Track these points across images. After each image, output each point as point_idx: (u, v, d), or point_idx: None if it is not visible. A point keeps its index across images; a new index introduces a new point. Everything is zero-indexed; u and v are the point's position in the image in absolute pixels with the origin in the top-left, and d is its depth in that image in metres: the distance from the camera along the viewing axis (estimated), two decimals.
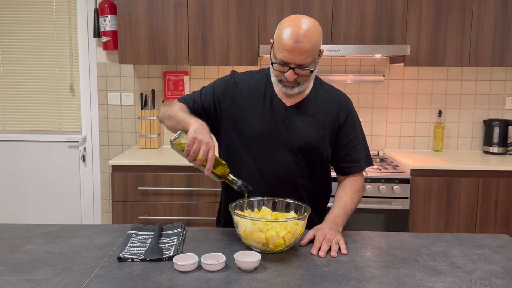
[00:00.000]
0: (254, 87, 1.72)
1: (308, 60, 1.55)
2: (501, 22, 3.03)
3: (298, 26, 1.53)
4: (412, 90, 3.45)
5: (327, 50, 2.93)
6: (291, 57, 1.53)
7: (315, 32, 1.55)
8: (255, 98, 1.70)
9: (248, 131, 1.68)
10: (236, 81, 1.74)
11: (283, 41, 1.53)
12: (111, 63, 3.48)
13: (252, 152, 1.69)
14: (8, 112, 3.58)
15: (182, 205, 2.94)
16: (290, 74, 1.57)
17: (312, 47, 1.53)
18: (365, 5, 3.02)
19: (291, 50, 1.52)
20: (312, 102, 1.72)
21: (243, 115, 1.69)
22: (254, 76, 1.76)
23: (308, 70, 1.57)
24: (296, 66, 1.56)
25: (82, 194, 3.60)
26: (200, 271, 1.30)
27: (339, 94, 1.79)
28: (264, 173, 1.68)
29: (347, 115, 1.74)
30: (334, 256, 1.42)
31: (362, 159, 1.76)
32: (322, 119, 1.71)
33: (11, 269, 1.31)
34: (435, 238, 1.61)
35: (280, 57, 1.56)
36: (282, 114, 1.69)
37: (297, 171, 1.70)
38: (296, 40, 1.51)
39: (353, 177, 1.76)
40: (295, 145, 1.68)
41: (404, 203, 2.83)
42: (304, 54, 1.53)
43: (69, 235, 1.58)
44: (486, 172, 2.88)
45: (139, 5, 3.06)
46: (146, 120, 3.37)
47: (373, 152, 3.38)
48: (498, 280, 1.28)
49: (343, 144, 1.73)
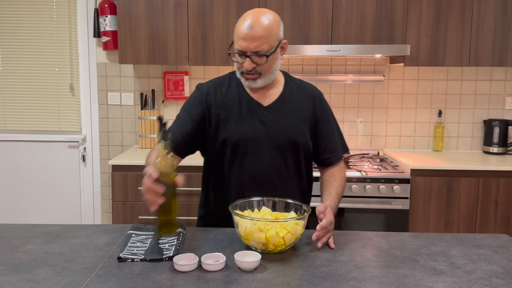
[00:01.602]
0: (226, 94, 1.72)
1: (263, 47, 1.57)
2: (501, 22, 3.03)
3: (251, 16, 1.59)
4: (412, 90, 3.45)
5: (327, 50, 2.93)
6: (246, 44, 1.57)
7: (270, 20, 1.59)
8: (230, 104, 1.70)
9: (232, 138, 1.68)
10: (206, 93, 1.72)
11: (238, 31, 1.59)
12: (111, 63, 3.48)
13: (240, 158, 1.69)
14: (8, 112, 3.58)
15: (182, 205, 2.94)
16: (247, 63, 1.60)
17: (265, 33, 1.57)
18: (365, 5, 3.02)
19: (244, 37, 1.57)
20: (288, 99, 1.73)
21: (223, 124, 1.69)
22: (223, 82, 1.75)
23: (264, 57, 1.59)
24: (252, 53, 1.58)
25: (82, 194, 3.60)
26: (200, 271, 1.30)
27: (311, 88, 1.81)
28: (254, 177, 1.68)
29: (322, 108, 1.78)
30: (319, 247, 1.47)
31: (339, 148, 1.82)
32: (300, 114, 1.73)
33: (11, 269, 1.31)
34: (435, 238, 1.61)
35: (237, 47, 1.60)
36: (261, 115, 1.69)
37: (285, 170, 1.71)
38: (249, 27, 1.56)
39: (337, 165, 1.80)
40: (281, 144, 1.69)
41: (404, 203, 2.83)
42: (258, 40, 1.56)
43: (69, 235, 1.58)
44: (486, 172, 2.88)
45: (139, 5, 3.06)
46: (146, 120, 3.37)
47: (373, 152, 3.38)
48: (498, 280, 1.28)
49: (321, 136, 1.77)
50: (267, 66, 1.62)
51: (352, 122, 3.48)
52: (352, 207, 2.81)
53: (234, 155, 1.69)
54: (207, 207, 1.83)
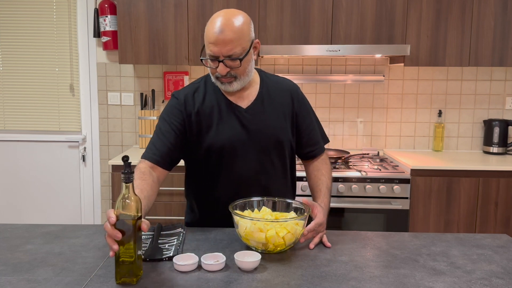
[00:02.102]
0: (204, 100, 1.67)
1: (236, 50, 1.53)
2: (501, 22, 3.03)
3: (219, 19, 1.53)
4: (412, 90, 3.45)
5: (327, 50, 2.93)
6: (217, 49, 1.52)
7: (239, 21, 1.54)
8: (209, 110, 1.66)
9: (214, 144, 1.64)
10: (184, 101, 1.67)
11: (208, 35, 1.54)
12: (111, 63, 3.48)
13: (225, 163, 1.66)
14: (8, 112, 3.58)
15: (182, 205, 2.94)
16: (221, 68, 1.56)
17: (236, 35, 1.52)
18: (365, 5, 3.02)
19: (215, 42, 1.52)
20: (266, 97, 1.71)
21: (205, 131, 1.65)
22: (198, 88, 1.70)
23: (237, 61, 1.55)
24: (225, 57, 1.54)
25: (82, 194, 3.60)
26: (200, 271, 1.30)
27: (287, 82, 1.80)
28: (242, 181, 1.67)
29: (299, 102, 1.76)
30: (311, 248, 1.47)
31: (320, 139, 1.81)
32: (280, 111, 1.71)
33: (11, 269, 1.31)
34: (435, 238, 1.61)
35: (208, 52, 1.55)
36: (242, 117, 1.66)
37: (272, 169, 1.70)
38: (218, 31, 1.51)
39: (321, 157, 1.80)
40: (265, 144, 1.67)
41: (404, 203, 2.83)
42: (229, 44, 1.51)
43: (69, 235, 1.58)
44: (486, 172, 2.88)
45: (139, 5, 3.06)
46: (146, 120, 3.37)
47: (373, 152, 3.38)
48: (498, 280, 1.28)
49: (302, 130, 1.76)
50: (241, 69, 1.58)
51: (352, 122, 3.48)
52: (352, 207, 2.81)
53: (219, 161, 1.66)
54: (192, 215, 1.82)
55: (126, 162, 1.23)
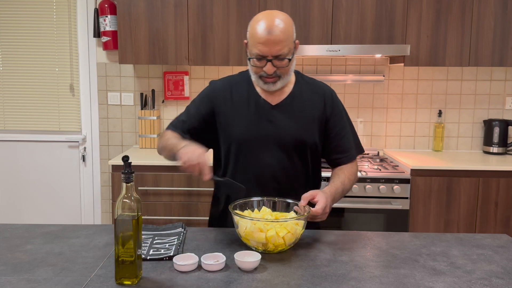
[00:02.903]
0: (236, 92, 1.72)
1: (284, 50, 1.57)
2: (501, 22, 3.03)
3: (269, 19, 1.57)
4: (412, 90, 3.45)
5: (327, 50, 2.93)
6: (267, 49, 1.56)
7: (287, 23, 1.59)
8: (240, 102, 1.70)
9: (238, 137, 1.68)
10: (217, 90, 1.74)
11: (257, 35, 1.56)
12: (111, 63, 3.48)
13: (246, 156, 1.68)
14: (8, 112, 3.58)
15: (182, 205, 2.94)
16: (269, 67, 1.58)
17: (285, 36, 1.56)
18: (365, 5, 3.02)
19: (265, 42, 1.55)
20: (297, 97, 1.72)
21: (231, 122, 1.69)
22: (234, 80, 1.76)
23: (286, 60, 1.59)
24: (273, 57, 1.57)
25: (82, 194, 3.60)
26: (200, 271, 1.30)
27: (322, 86, 1.80)
28: (260, 176, 1.68)
29: (333, 107, 1.76)
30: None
31: (352, 147, 1.78)
32: (309, 113, 1.71)
33: (11, 269, 1.31)
34: (435, 238, 1.61)
35: (256, 52, 1.58)
36: (269, 114, 1.69)
37: (292, 170, 1.70)
38: (269, 32, 1.55)
39: (349, 164, 1.78)
40: (287, 143, 1.68)
41: (404, 203, 2.83)
42: (279, 44, 1.55)
43: (69, 235, 1.58)
44: (486, 172, 2.88)
45: (139, 5, 3.06)
46: (146, 120, 3.37)
47: (373, 152, 3.38)
48: (498, 280, 1.28)
49: (332, 136, 1.75)
50: (287, 69, 1.62)
51: (352, 122, 3.47)
52: (352, 207, 2.81)
53: (240, 153, 1.68)
54: (217, 206, 1.83)
55: (126, 162, 1.24)
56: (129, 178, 1.23)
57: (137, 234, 1.22)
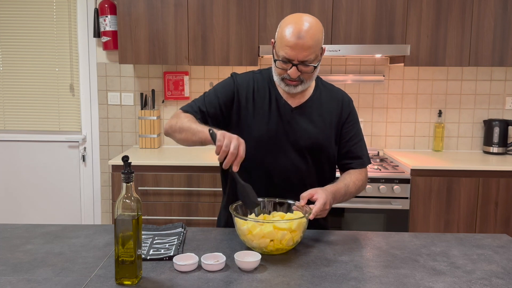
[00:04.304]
0: (258, 89, 1.72)
1: (311, 57, 1.56)
2: (501, 22, 3.03)
3: (299, 23, 1.55)
4: (412, 90, 3.45)
5: (327, 50, 2.93)
6: (294, 53, 1.54)
7: (317, 29, 1.57)
8: (260, 100, 1.70)
9: (255, 134, 1.67)
10: (239, 83, 1.72)
11: (286, 38, 1.55)
12: (111, 63, 3.48)
13: (261, 154, 1.68)
14: (8, 112, 3.58)
15: (182, 205, 2.94)
16: (293, 71, 1.58)
17: (314, 43, 1.55)
18: (365, 5, 3.02)
19: (293, 46, 1.53)
20: (316, 102, 1.73)
21: (249, 118, 1.69)
22: (256, 77, 1.75)
23: (311, 67, 1.58)
24: (299, 62, 1.56)
25: (82, 194, 3.60)
26: (200, 271, 1.30)
27: (341, 93, 1.81)
28: (273, 176, 1.68)
29: (349, 113, 1.76)
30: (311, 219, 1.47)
31: (364, 155, 1.77)
32: (327, 118, 1.72)
33: (11, 269, 1.31)
34: (435, 238, 1.61)
35: (283, 54, 1.57)
36: (288, 115, 1.69)
37: (306, 172, 1.70)
38: (298, 37, 1.53)
39: (358, 170, 1.76)
40: (303, 146, 1.68)
41: (404, 203, 2.83)
42: (307, 50, 1.54)
43: (69, 235, 1.58)
44: (486, 172, 2.88)
45: (139, 5, 3.06)
46: (146, 120, 3.37)
47: (373, 152, 3.38)
48: (498, 280, 1.28)
49: (344, 141, 1.75)
50: (311, 74, 1.61)
51: None
52: (352, 207, 2.81)
53: (256, 151, 1.66)
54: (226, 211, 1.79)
55: (126, 162, 1.24)
56: (129, 178, 1.23)
57: (137, 234, 1.22)
